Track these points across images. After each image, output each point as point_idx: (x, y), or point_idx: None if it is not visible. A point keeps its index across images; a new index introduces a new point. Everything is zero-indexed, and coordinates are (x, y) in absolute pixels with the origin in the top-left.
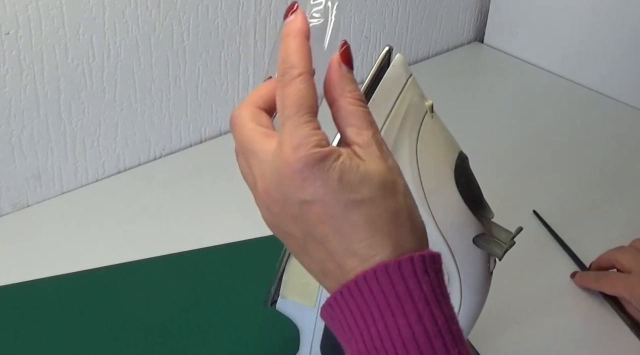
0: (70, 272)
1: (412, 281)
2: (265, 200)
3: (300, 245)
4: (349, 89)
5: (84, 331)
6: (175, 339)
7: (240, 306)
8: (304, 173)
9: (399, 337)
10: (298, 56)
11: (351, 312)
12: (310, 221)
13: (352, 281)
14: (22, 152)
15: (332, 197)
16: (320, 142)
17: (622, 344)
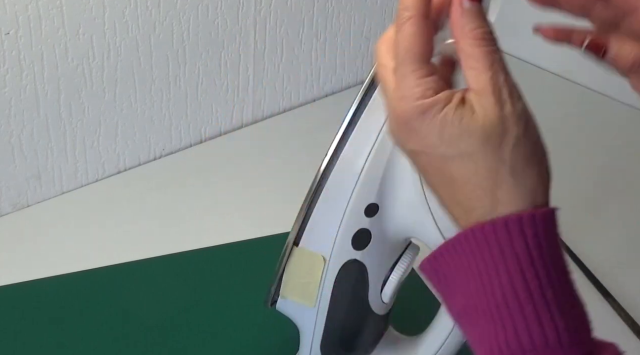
0: (70, 272)
1: (505, 241)
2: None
3: (438, 181)
4: (469, 28)
5: (84, 331)
6: (175, 339)
7: (240, 306)
8: (408, 125)
9: (495, 296)
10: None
11: (454, 266)
12: (420, 167)
13: (453, 238)
14: (22, 152)
15: (432, 150)
16: (424, 93)
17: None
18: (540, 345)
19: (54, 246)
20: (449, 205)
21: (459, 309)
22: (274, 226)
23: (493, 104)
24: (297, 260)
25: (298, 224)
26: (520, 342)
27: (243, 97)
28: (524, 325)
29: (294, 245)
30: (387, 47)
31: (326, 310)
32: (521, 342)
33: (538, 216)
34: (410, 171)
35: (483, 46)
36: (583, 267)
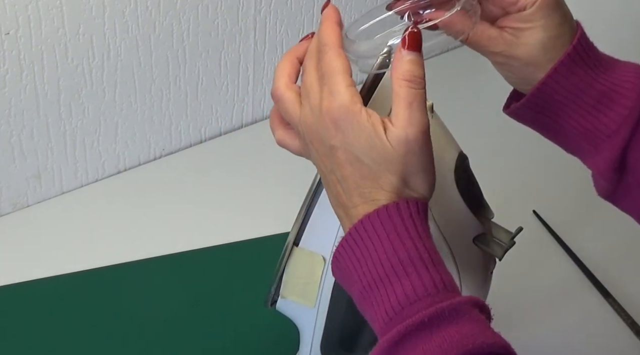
0: (70, 272)
1: (407, 218)
2: (309, 135)
3: (326, 179)
4: (399, 71)
5: (84, 331)
6: (175, 339)
7: (240, 306)
8: (337, 122)
9: (384, 268)
10: (327, 35)
11: (354, 253)
12: (335, 162)
13: (357, 223)
14: (22, 152)
15: (351, 148)
16: (353, 99)
17: (622, 344)
18: (422, 294)
19: (54, 246)
20: (350, 194)
21: (359, 294)
22: (274, 226)
23: (401, 141)
24: (297, 260)
25: (298, 224)
26: (407, 296)
27: (243, 97)
28: (407, 281)
29: (294, 245)
30: (313, 62)
31: (326, 310)
32: (407, 295)
33: (410, 202)
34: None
35: (408, 87)
36: (583, 267)
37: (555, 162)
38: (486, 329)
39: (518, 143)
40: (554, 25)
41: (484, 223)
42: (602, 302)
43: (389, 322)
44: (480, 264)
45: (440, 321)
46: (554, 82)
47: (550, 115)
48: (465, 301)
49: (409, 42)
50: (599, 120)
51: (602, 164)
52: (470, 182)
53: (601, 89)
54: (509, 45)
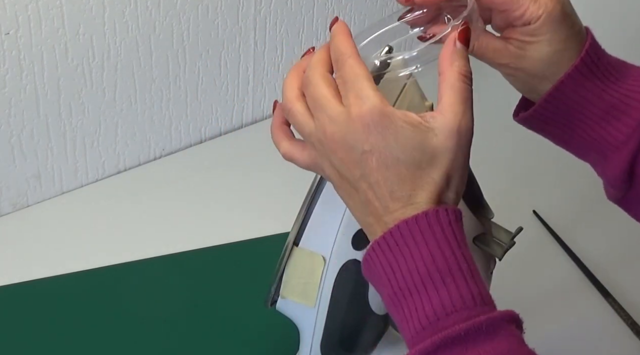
0: (70, 272)
1: (447, 226)
2: (331, 144)
3: (354, 187)
4: (458, 64)
5: (84, 331)
6: (175, 339)
7: (240, 306)
8: (368, 125)
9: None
10: (344, 45)
11: (386, 257)
12: (366, 168)
13: (393, 227)
14: (22, 152)
15: (387, 151)
16: (383, 101)
17: (622, 344)
18: (459, 307)
19: (54, 246)
20: (385, 199)
21: (389, 298)
22: (274, 226)
23: (453, 132)
24: (297, 260)
25: (298, 224)
26: (444, 306)
27: (243, 97)
28: (445, 292)
29: (294, 245)
30: (322, 74)
31: (326, 310)
32: (444, 306)
33: (450, 210)
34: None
35: (464, 82)
36: (583, 267)
37: (555, 162)
38: (522, 346)
39: (518, 143)
40: (560, 39)
41: (484, 223)
42: (602, 302)
43: (422, 331)
44: (480, 264)
45: (477, 336)
46: (561, 94)
47: (558, 125)
48: (501, 316)
49: (462, 36)
50: (607, 131)
51: (610, 173)
52: (470, 182)
53: (609, 101)
54: (514, 58)
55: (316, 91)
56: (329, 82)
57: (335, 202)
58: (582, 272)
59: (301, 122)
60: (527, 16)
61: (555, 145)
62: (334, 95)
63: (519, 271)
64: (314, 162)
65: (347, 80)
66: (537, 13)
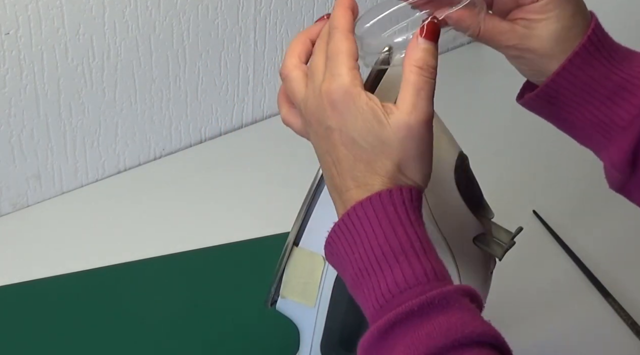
0: (70, 272)
1: (400, 206)
2: (309, 115)
3: (322, 160)
4: (414, 57)
5: (84, 331)
6: (175, 339)
7: (240, 306)
8: (334, 103)
9: (376, 255)
10: (337, 18)
11: (346, 239)
12: (330, 144)
13: (349, 209)
14: (22, 152)
15: (347, 130)
16: (353, 81)
17: (622, 344)
18: (412, 283)
19: (54, 246)
20: (344, 176)
21: (351, 280)
22: (274, 226)
23: (403, 125)
24: (297, 260)
25: (298, 224)
26: (397, 284)
27: (243, 97)
28: (399, 269)
29: (294, 245)
30: (323, 44)
31: (326, 310)
32: (398, 284)
33: (404, 189)
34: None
35: (420, 74)
36: (583, 266)
37: (555, 163)
38: (475, 318)
39: (518, 143)
40: (567, 16)
41: (484, 223)
42: (602, 302)
43: (380, 309)
44: (480, 264)
45: (430, 310)
46: (568, 73)
47: (563, 106)
48: (455, 290)
49: (426, 31)
50: (614, 112)
51: (615, 156)
52: (470, 182)
53: (616, 81)
54: (521, 38)
55: (313, 61)
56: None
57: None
58: (582, 272)
59: (294, 89)
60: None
61: (555, 146)
62: (324, 68)
63: (519, 271)
64: (304, 130)
65: (329, 55)
66: None
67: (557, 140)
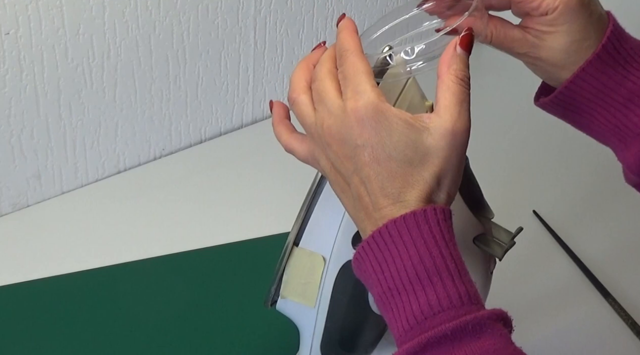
0: (70, 272)
1: (435, 226)
2: (327, 138)
3: (346, 181)
4: (455, 68)
5: (84, 331)
6: (175, 339)
7: (240, 306)
8: (362, 120)
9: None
10: (348, 42)
11: (375, 257)
12: (359, 162)
13: (382, 227)
14: (22, 152)
15: (380, 146)
16: (380, 97)
17: (622, 344)
18: (446, 306)
19: (54, 246)
20: (375, 195)
21: (378, 297)
22: (274, 226)
23: (447, 132)
24: (297, 260)
25: (298, 224)
26: (431, 305)
27: (243, 97)
28: (432, 291)
29: (294, 245)
30: (329, 70)
31: (326, 310)
32: (431, 306)
33: (438, 209)
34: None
35: (461, 85)
36: (583, 266)
37: (555, 162)
38: (508, 345)
39: (518, 143)
40: (578, 29)
41: (484, 223)
42: (602, 302)
43: (409, 330)
44: (480, 264)
45: (463, 335)
46: (581, 81)
47: (578, 111)
48: (489, 315)
49: (463, 41)
50: (628, 118)
51: (631, 159)
52: (470, 182)
53: (631, 88)
54: (533, 47)
55: (320, 85)
56: (333, 77)
57: (335, 202)
58: (582, 272)
59: (304, 112)
60: (543, 7)
61: (555, 146)
62: (336, 89)
63: (519, 271)
64: (311, 154)
65: (346, 75)
66: (553, 4)
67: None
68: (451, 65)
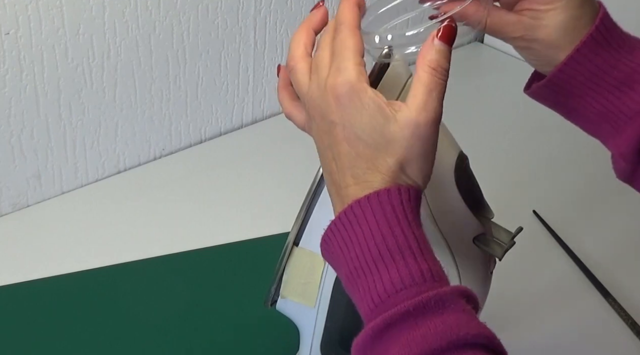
0: (70, 272)
1: (398, 205)
2: (312, 109)
3: (323, 155)
4: (428, 58)
5: (84, 331)
6: (175, 339)
7: (240, 306)
8: (338, 97)
9: (372, 254)
10: (344, 14)
11: (342, 237)
12: (332, 138)
13: (347, 207)
14: (22, 152)
15: (350, 126)
16: (359, 77)
17: (622, 344)
18: (408, 284)
19: (54, 246)
20: (343, 172)
21: (346, 278)
22: (274, 226)
23: (411, 122)
24: (297, 260)
25: (298, 224)
26: (394, 283)
27: (243, 97)
28: (395, 269)
29: (294, 245)
30: (328, 38)
31: (326, 310)
32: (394, 283)
33: (402, 188)
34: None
35: (432, 75)
36: (583, 267)
37: (555, 163)
38: (471, 320)
39: (518, 143)
40: (575, 5)
41: (484, 223)
42: (602, 302)
43: (375, 309)
44: (480, 264)
45: (426, 311)
46: (576, 63)
47: (571, 96)
48: (451, 291)
49: (442, 33)
50: (622, 101)
51: (623, 145)
52: (470, 182)
53: (624, 70)
54: (528, 29)
55: (319, 55)
56: (331, 49)
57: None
58: (582, 272)
59: (299, 81)
60: None
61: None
62: (329, 63)
63: (519, 271)
64: (308, 123)
65: (335, 50)
66: None
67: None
68: (426, 55)
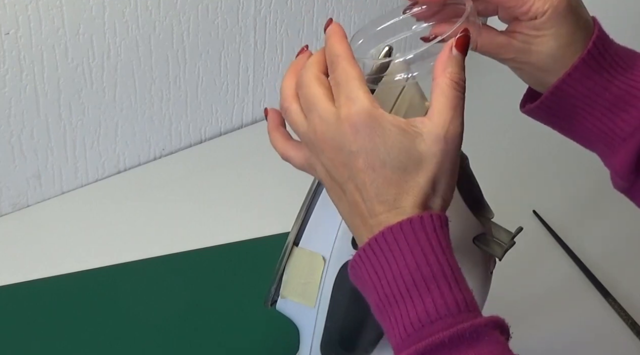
0: (70, 272)
1: (431, 233)
2: (321, 144)
3: (342, 188)
4: (450, 71)
5: (84, 331)
6: (175, 339)
7: (240, 306)
8: (356, 126)
9: (405, 282)
10: (338, 47)
11: (372, 264)
12: (354, 169)
13: (378, 234)
14: (22, 152)
15: (374, 153)
16: (374, 104)
17: (622, 344)
18: (443, 314)
19: (54, 246)
20: (371, 201)
21: (375, 305)
22: (274, 226)
23: (439, 138)
24: (297, 260)
25: (298, 224)
26: (428, 313)
27: (243, 97)
28: (429, 299)
29: (294, 245)
30: (315, 75)
31: (326, 310)
32: (429, 313)
33: (434, 216)
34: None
35: (455, 89)
36: (583, 267)
37: (555, 162)
38: (505, 352)
39: (518, 143)
40: (566, 33)
41: (484, 223)
42: (602, 302)
43: (407, 338)
44: (480, 264)
45: (460, 343)
46: (567, 86)
47: (564, 117)
48: (485, 322)
49: (460, 43)
50: (615, 123)
51: (618, 164)
52: (470, 182)
53: (617, 92)
54: (519, 52)
55: (308, 91)
56: (321, 83)
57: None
58: (582, 272)
59: (296, 120)
60: (532, 11)
61: (555, 146)
62: (326, 95)
63: (519, 271)
64: (307, 161)
65: (339, 82)
66: (542, 8)
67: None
68: (446, 68)
